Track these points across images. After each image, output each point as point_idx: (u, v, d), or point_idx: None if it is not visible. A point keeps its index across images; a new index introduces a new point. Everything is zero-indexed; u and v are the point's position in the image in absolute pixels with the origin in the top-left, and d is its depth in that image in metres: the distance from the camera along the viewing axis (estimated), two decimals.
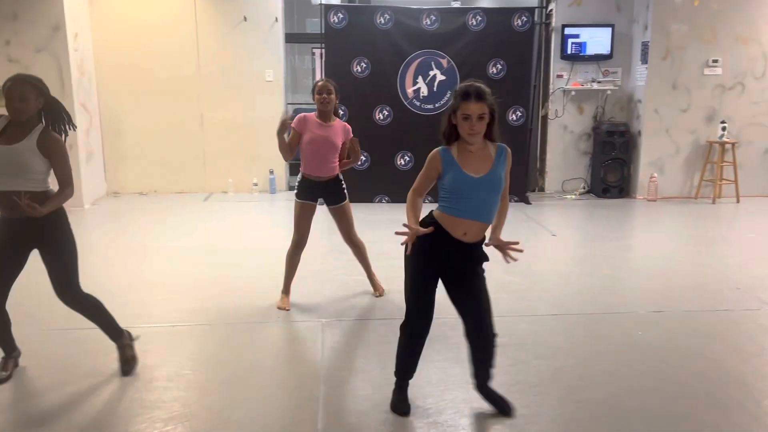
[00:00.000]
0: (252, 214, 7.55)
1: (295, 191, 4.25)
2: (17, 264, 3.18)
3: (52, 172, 3.18)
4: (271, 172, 8.48)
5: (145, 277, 4.98)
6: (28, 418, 2.93)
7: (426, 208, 2.76)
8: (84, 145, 7.59)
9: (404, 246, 2.71)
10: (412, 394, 3.01)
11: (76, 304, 3.28)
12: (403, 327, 2.90)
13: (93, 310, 3.34)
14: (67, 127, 3.24)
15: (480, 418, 2.91)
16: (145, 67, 8.09)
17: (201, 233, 6.48)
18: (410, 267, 2.83)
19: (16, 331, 3.39)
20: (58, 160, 3.12)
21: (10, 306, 3.29)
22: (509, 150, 2.81)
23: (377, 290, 4.53)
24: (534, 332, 3.91)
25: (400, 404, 2.95)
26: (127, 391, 3.13)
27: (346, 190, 4.31)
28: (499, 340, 3.71)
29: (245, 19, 8.11)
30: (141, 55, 8.07)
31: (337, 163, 4.24)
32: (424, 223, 2.77)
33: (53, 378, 3.29)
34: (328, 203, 4.25)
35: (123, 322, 4.00)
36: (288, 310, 4.23)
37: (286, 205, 8.00)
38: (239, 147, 8.39)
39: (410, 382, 3.01)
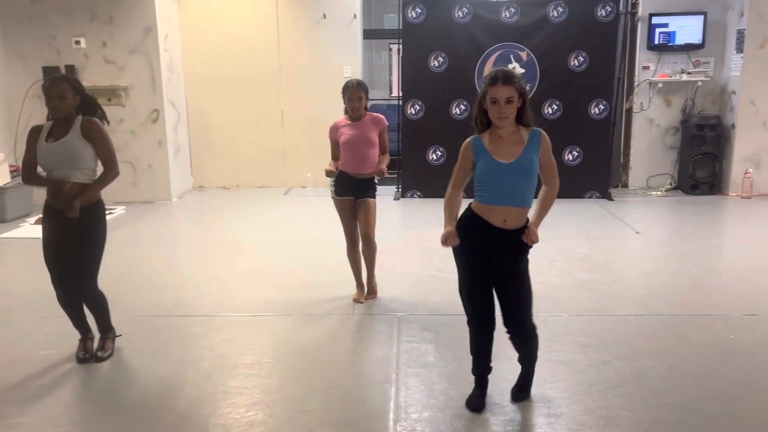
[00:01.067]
0: (330, 208, 7.66)
1: (332, 188, 4.28)
2: (67, 252, 3.27)
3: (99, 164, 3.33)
4: None
5: (228, 268, 5.17)
6: (119, 401, 3.11)
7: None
8: (172, 141, 7.96)
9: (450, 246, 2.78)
10: (490, 390, 2.99)
11: (85, 297, 3.40)
12: (468, 323, 2.91)
13: (99, 306, 3.46)
14: (102, 122, 3.37)
15: (558, 418, 2.85)
16: (230, 65, 8.37)
17: (281, 226, 6.66)
18: (458, 263, 2.86)
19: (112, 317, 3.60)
20: (100, 141, 3.26)
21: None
22: (543, 133, 2.75)
23: (371, 294, 4.39)
24: (616, 332, 3.79)
25: (474, 400, 2.94)
26: (213, 377, 3.27)
27: (377, 190, 4.32)
28: (580, 340, 3.66)
29: (324, 16, 8.24)
30: (225, 54, 8.36)
31: (376, 159, 4.19)
32: (463, 217, 2.79)
33: (143, 363, 3.48)
34: (357, 196, 4.23)
35: (207, 311, 4.21)
36: (362, 302, 4.29)
37: None
38: (318, 142, 8.47)
39: (490, 378, 2.98)
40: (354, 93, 4.09)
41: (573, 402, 2.99)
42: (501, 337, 2.89)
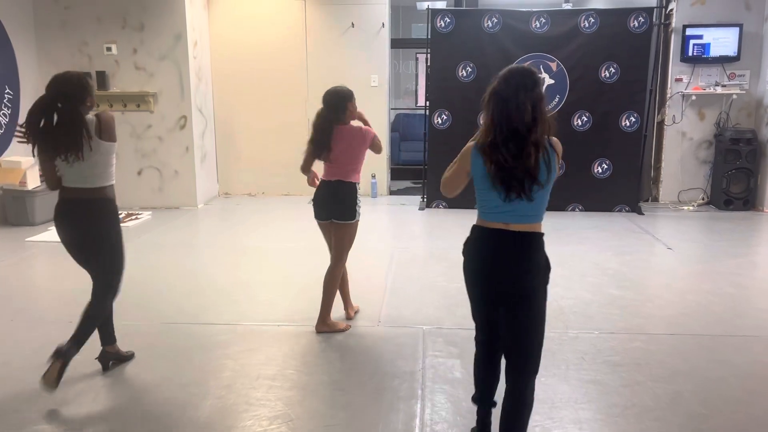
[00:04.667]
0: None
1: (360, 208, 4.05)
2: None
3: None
4: (373, 177, 8.55)
5: (252, 276, 5.14)
6: (144, 409, 3.07)
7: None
8: (199, 147, 8.00)
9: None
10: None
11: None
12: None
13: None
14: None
15: None
16: (257, 73, 8.40)
17: (306, 235, 6.60)
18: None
19: (130, 324, 3.56)
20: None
21: (120, 300, 3.43)
22: None
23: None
24: (649, 352, 3.66)
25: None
26: (235, 387, 3.22)
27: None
28: (612, 359, 3.54)
29: (353, 25, 8.24)
30: (253, 62, 8.39)
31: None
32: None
33: (165, 371, 3.44)
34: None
35: (230, 319, 4.16)
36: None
37: (387, 209, 8.05)
38: None
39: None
40: None
41: (606, 424, 2.88)
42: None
